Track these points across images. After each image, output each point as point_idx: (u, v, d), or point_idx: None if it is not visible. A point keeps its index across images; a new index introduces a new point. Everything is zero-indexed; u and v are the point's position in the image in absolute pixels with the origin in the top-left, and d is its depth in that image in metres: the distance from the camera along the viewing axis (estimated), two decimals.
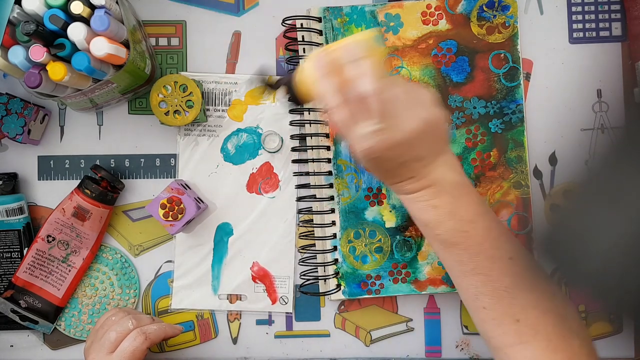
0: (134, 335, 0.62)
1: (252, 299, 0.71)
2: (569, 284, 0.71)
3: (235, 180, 0.72)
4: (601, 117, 0.71)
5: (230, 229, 0.71)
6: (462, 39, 0.70)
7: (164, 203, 0.67)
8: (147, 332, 0.62)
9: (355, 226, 0.70)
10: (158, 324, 0.64)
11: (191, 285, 0.71)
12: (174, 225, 0.67)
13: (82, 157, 0.72)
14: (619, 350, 0.71)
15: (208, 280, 0.71)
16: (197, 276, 0.71)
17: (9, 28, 0.59)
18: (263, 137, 0.71)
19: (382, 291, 0.70)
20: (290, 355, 0.72)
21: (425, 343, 0.72)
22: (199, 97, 0.68)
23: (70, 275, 0.70)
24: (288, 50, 0.72)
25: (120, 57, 0.61)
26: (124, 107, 0.72)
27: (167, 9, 0.72)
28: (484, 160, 0.70)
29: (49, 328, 0.71)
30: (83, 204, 0.68)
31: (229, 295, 0.71)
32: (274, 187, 0.72)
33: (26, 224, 0.70)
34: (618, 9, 0.72)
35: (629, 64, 0.71)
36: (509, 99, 0.70)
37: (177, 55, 0.72)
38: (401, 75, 0.70)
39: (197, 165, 0.72)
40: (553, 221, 0.66)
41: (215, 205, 0.71)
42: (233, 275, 0.71)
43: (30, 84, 0.59)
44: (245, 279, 0.71)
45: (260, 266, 0.71)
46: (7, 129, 0.69)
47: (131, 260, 0.72)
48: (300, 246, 0.71)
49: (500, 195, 0.70)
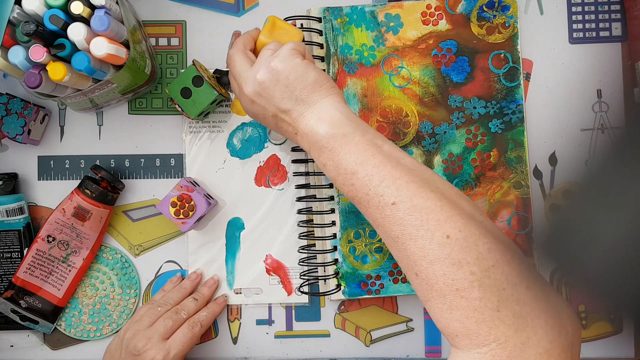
0: (190, 324, 0.66)
1: (268, 291, 0.71)
2: (569, 284, 0.71)
3: (243, 175, 0.72)
4: (601, 117, 0.71)
5: (242, 224, 0.72)
6: (462, 39, 0.70)
7: (174, 201, 0.67)
8: (201, 320, 0.67)
9: (355, 226, 0.70)
10: (207, 310, 0.68)
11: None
12: (186, 223, 0.67)
13: (82, 157, 0.72)
14: (619, 350, 0.71)
15: (223, 276, 0.71)
16: (211, 272, 0.71)
17: (9, 28, 0.59)
18: (269, 130, 0.71)
19: (382, 291, 0.70)
20: (290, 355, 0.72)
21: (425, 343, 0.72)
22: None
23: (70, 276, 0.70)
24: None
25: (120, 57, 0.61)
26: (124, 107, 0.72)
27: (167, 9, 0.72)
28: (484, 160, 0.70)
29: (49, 328, 0.71)
30: (83, 204, 0.68)
31: (243, 289, 0.71)
32: (282, 179, 0.72)
33: (26, 224, 0.70)
34: (618, 9, 0.72)
35: (629, 64, 0.71)
36: (509, 99, 0.70)
37: (177, 55, 0.72)
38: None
39: (204, 162, 0.72)
40: (553, 221, 0.66)
41: (225, 201, 0.72)
42: (247, 270, 0.72)
43: (30, 84, 0.59)
44: (259, 272, 0.71)
45: (273, 258, 0.71)
46: (7, 129, 0.69)
47: (131, 260, 0.72)
48: (300, 246, 0.71)
49: (500, 195, 0.70)
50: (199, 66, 0.68)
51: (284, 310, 0.72)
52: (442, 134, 0.70)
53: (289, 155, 0.72)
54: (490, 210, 0.70)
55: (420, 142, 0.70)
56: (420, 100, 0.70)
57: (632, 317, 0.69)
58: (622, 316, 0.70)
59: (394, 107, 0.70)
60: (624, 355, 0.71)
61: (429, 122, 0.70)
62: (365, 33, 0.70)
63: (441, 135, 0.70)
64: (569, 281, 0.71)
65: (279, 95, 0.56)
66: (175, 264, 0.72)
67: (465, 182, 0.70)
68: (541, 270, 0.70)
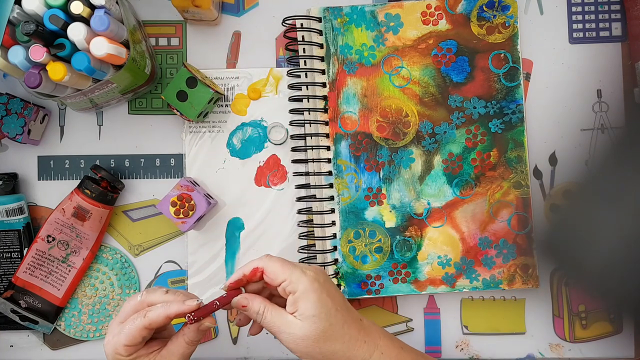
0: (136, 314, 0.55)
1: None
2: (569, 283, 0.71)
3: (243, 175, 0.72)
4: (601, 117, 0.71)
5: (241, 224, 0.72)
6: (462, 39, 0.70)
7: (174, 201, 0.67)
8: (148, 311, 0.55)
9: (355, 226, 0.70)
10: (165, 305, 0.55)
11: (205, 283, 0.71)
12: (186, 223, 0.67)
13: (82, 157, 0.72)
14: (619, 350, 0.71)
15: (222, 277, 0.71)
16: (210, 273, 0.71)
17: (9, 28, 0.59)
18: (269, 129, 0.71)
19: (382, 291, 0.70)
20: (290, 355, 0.72)
21: (425, 343, 0.72)
22: None
23: (70, 275, 0.70)
24: (288, 50, 0.72)
25: (120, 57, 0.61)
26: (124, 107, 0.72)
27: (167, 9, 0.72)
28: (484, 160, 0.70)
29: (49, 328, 0.71)
30: (83, 204, 0.68)
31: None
32: (282, 179, 0.72)
33: (26, 224, 0.70)
34: (618, 9, 0.72)
35: (629, 64, 0.71)
36: (509, 99, 0.70)
37: (177, 55, 0.72)
38: (401, 76, 0.70)
39: (204, 162, 0.72)
40: (553, 221, 0.66)
41: (225, 201, 0.72)
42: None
43: (30, 84, 0.59)
44: None
45: None
46: (7, 129, 0.69)
47: (131, 260, 0.72)
48: (300, 246, 0.71)
49: (500, 195, 0.70)
50: (190, 67, 0.68)
51: None
52: (442, 133, 0.70)
53: (289, 155, 0.72)
54: (490, 210, 0.70)
55: (420, 142, 0.70)
56: (420, 100, 0.70)
57: (632, 317, 0.69)
58: (622, 316, 0.70)
59: (394, 107, 0.70)
60: (624, 355, 0.71)
61: (429, 122, 0.70)
62: (365, 33, 0.70)
63: (441, 135, 0.70)
64: (569, 281, 0.71)
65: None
66: (175, 264, 0.72)
67: (465, 182, 0.70)
68: (541, 270, 0.70)
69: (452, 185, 0.70)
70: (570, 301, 0.71)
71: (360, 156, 0.70)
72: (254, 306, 0.56)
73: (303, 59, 0.70)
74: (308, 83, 0.70)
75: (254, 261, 0.57)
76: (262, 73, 0.72)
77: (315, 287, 0.55)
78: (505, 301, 0.72)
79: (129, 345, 0.54)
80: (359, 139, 0.70)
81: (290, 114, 0.71)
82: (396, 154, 0.70)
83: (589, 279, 0.45)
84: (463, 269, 0.70)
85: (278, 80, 0.72)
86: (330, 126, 0.70)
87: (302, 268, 0.56)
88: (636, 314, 0.49)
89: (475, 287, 0.70)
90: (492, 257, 0.70)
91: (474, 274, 0.70)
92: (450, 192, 0.70)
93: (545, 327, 0.71)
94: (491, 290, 0.71)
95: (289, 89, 0.71)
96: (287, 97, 0.72)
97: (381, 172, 0.70)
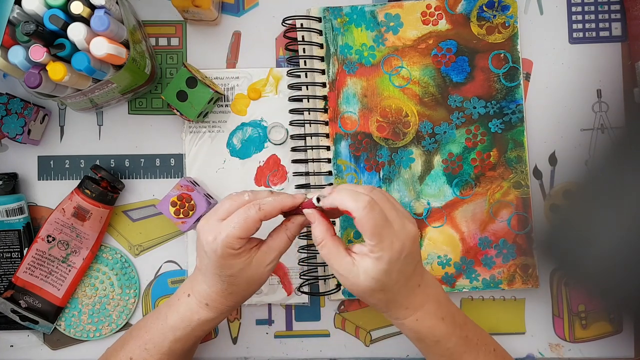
0: (248, 205, 0.56)
1: (268, 291, 0.71)
2: (569, 283, 0.71)
3: (243, 175, 0.72)
4: (601, 117, 0.71)
5: None
6: (462, 39, 0.70)
7: (175, 201, 0.67)
8: (261, 203, 0.56)
9: (355, 226, 0.70)
10: (273, 196, 0.57)
11: None
12: (186, 223, 0.67)
13: (82, 157, 0.72)
14: (619, 350, 0.71)
15: None
16: None
17: (9, 28, 0.59)
18: (269, 129, 0.71)
19: None
20: (290, 355, 0.72)
21: None
22: None
23: (70, 275, 0.70)
24: (288, 50, 0.72)
25: (120, 57, 0.61)
26: (124, 107, 0.72)
27: (167, 9, 0.72)
28: (484, 160, 0.70)
29: (49, 328, 0.71)
30: (83, 204, 0.68)
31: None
32: (282, 179, 0.72)
33: (26, 224, 0.70)
34: (618, 9, 0.72)
35: (629, 64, 0.71)
36: (509, 99, 0.70)
37: (177, 55, 0.72)
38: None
39: (204, 162, 0.72)
40: (553, 221, 0.66)
41: None
42: None
43: (30, 84, 0.59)
44: None
45: None
46: (7, 129, 0.69)
47: (131, 260, 0.72)
48: (300, 246, 0.71)
49: (500, 195, 0.70)
50: (190, 67, 0.68)
51: (283, 310, 0.72)
52: (442, 133, 0.70)
53: (289, 155, 0.72)
54: (490, 210, 0.70)
55: (420, 142, 0.70)
56: (420, 100, 0.70)
57: (631, 317, 0.69)
58: (622, 316, 0.70)
59: (393, 107, 0.70)
60: (624, 355, 0.71)
61: (428, 122, 0.70)
62: (365, 33, 0.70)
63: (441, 135, 0.70)
64: (569, 281, 0.71)
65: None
66: (175, 264, 0.72)
67: (465, 182, 0.70)
68: (541, 270, 0.70)
69: (452, 185, 0.70)
70: (570, 301, 0.71)
71: (360, 156, 0.70)
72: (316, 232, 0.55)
73: (303, 59, 0.70)
74: (308, 83, 0.70)
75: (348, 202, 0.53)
76: (262, 73, 0.72)
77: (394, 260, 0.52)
78: (505, 301, 0.72)
79: (242, 237, 0.55)
80: (358, 139, 0.70)
81: (290, 114, 0.71)
82: (396, 154, 0.70)
83: (588, 279, 0.45)
84: (463, 269, 0.70)
85: (278, 80, 0.72)
86: (330, 126, 0.70)
87: (392, 238, 0.53)
88: (636, 314, 0.49)
89: (475, 287, 0.70)
90: (492, 257, 0.70)
91: (474, 274, 0.70)
92: (450, 192, 0.70)
93: (545, 327, 0.71)
94: (491, 290, 0.71)
95: (289, 89, 0.71)
96: (287, 97, 0.72)
97: (381, 172, 0.70)
